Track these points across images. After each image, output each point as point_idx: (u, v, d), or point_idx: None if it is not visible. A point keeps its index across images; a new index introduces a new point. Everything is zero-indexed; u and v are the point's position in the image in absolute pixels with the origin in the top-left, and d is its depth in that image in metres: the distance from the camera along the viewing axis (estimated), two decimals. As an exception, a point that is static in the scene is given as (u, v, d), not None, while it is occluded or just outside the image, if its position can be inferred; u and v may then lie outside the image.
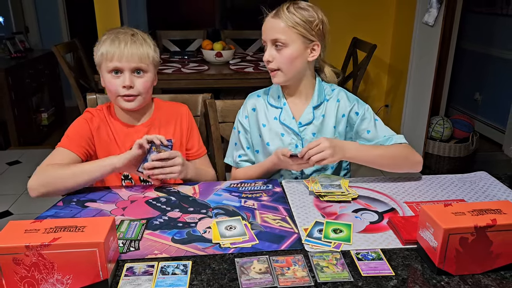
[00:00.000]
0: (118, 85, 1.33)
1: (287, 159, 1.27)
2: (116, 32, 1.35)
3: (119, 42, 1.32)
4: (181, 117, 1.49)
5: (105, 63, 1.34)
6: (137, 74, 1.35)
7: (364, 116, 1.39)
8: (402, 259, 0.94)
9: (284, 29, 1.29)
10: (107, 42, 1.33)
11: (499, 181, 1.32)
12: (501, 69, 3.85)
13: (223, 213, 1.14)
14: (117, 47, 1.32)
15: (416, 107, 3.44)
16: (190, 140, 1.49)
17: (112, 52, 1.32)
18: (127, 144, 1.39)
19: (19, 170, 3.40)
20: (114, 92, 1.35)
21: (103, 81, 1.38)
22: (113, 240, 0.88)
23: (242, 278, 0.87)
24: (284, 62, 1.32)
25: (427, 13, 3.13)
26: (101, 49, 1.34)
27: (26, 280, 0.81)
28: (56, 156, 1.31)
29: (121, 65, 1.32)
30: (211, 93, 1.70)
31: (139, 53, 1.34)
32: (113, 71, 1.33)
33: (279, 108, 1.43)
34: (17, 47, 4.25)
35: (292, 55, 1.31)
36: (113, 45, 1.32)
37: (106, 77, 1.35)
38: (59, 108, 4.60)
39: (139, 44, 1.34)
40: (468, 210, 0.90)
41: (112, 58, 1.32)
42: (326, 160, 1.22)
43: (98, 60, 1.36)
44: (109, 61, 1.32)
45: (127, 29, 1.37)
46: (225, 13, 5.69)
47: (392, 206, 1.18)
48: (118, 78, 1.34)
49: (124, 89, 1.33)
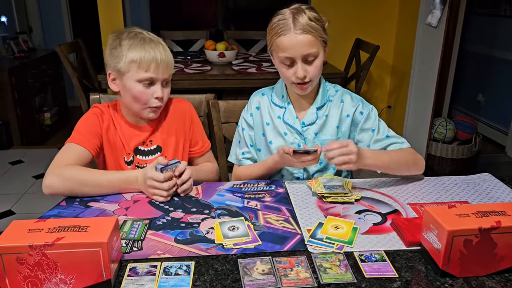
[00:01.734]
0: (149, 96, 1.31)
1: (290, 157, 1.26)
2: (140, 37, 1.30)
3: (153, 50, 1.28)
4: (184, 114, 1.48)
5: (135, 73, 1.28)
6: (165, 84, 1.34)
7: (369, 115, 1.41)
8: (405, 261, 0.93)
9: (314, 42, 1.28)
10: (136, 48, 1.28)
11: (503, 183, 1.32)
12: (504, 70, 3.84)
13: (226, 214, 1.14)
14: (153, 56, 1.27)
15: (419, 109, 3.43)
16: (194, 137, 1.49)
17: (148, 62, 1.27)
18: (131, 144, 1.39)
19: (22, 170, 3.40)
20: (144, 102, 1.31)
21: (123, 87, 1.33)
22: (116, 240, 0.88)
23: (245, 279, 0.87)
24: (316, 72, 1.33)
25: (430, 14, 3.13)
26: (129, 56, 1.27)
27: (29, 280, 0.81)
28: (69, 153, 1.27)
29: (156, 77, 1.29)
30: (214, 93, 1.70)
31: (170, 63, 1.32)
32: (146, 81, 1.30)
33: (283, 108, 1.43)
34: (21, 47, 4.26)
35: (321, 63, 1.32)
36: (145, 52, 1.27)
37: (136, 87, 1.30)
38: (62, 108, 4.61)
39: (168, 53, 1.32)
40: (472, 212, 0.89)
41: (148, 68, 1.27)
42: (348, 165, 1.19)
43: (125, 67, 1.29)
44: (143, 71, 1.28)
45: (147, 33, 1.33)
46: (228, 14, 5.70)
47: (395, 208, 1.17)
48: (149, 89, 1.30)
49: (156, 100, 1.31)
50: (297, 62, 1.29)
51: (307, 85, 1.33)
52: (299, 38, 1.26)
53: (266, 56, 3.48)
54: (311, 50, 1.28)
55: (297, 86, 1.33)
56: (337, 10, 3.65)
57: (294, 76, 1.31)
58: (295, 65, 1.30)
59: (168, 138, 1.44)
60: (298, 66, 1.29)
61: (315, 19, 1.28)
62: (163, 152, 1.43)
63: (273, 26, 1.31)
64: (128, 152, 1.39)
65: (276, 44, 1.30)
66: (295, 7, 1.30)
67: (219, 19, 5.71)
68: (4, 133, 3.74)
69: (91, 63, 3.20)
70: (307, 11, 1.28)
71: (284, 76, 1.36)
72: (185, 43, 3.86)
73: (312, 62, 1.30)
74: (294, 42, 1.26)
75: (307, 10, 1.28)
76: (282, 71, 1.34)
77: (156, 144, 1.42)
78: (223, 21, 5.69)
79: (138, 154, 1.40)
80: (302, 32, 1.26)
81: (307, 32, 1.26)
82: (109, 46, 1.34)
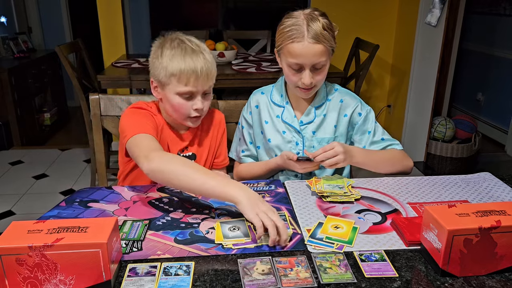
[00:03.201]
0: (189, 108, 1.29)
1: (293, 162, 1.31)
2: (182, 47, 1.26)
3: (194, 62, 1.24)
4: (219, 124, 1.49)
5: (175, 86, 1.27)
6: (205, 95, 1.32)
7: (367, 117, 1.44)
8: (405, 261, 0.93)
9: (324, 52, 1.29)
10: (177, 60, 1.25)
11: (503, 182, 1.32)
12: (503, 69, 3.84)
13: (226, 214, 1.14)
14: (193, 70, 1.24)
15: (418, 108, 3.43)
16: (219, 149, 1.50)
17: (188, 75, 1.24)
18: (175, 148, 1.38)
19: (22, 170, 3.40)
20: (184, 113, 1.30)
21: (164, 97, 1.31)
22: (116, 240, 0.88)
23: (245, 279, 0.86)
24: (322, 79, 1.35)
25: (430, 13, 3.13)
26: (169, 68, 1.25)
27: (29, 281, 0.81)
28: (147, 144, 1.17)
29: (196, 90, 1.27)
30: (213, 93, 1.69)
31: (212, 75, 1.29)
32: (185, 94, 1.28)
33: (281, 107, 1.45)
34: (20, 47, 4.26)
35: (327, 70, 1.34)
36: (185, 65, 1.24)
37: (175, 99, 1.28)
38: (61, 108, 4.62)
39: (209, 63, 1.28)
40: (472, 211, 0.89)
41: (188, 82, 1.25)
42: (339, 164, 1.26)
43: (165, 78, 1.27)
44: (183, 85, 1.26)
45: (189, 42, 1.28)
46: (227, 14, 5.69)
47: (395, 207, 1.17)
48: (189, 101, 1.29)
49: (195, 112, 1.30)
50: (306, 69, 1.30)
51: (311, 90, 1.35)
52: (312, 48, 1.27)
53: (265, 56, 3.48)
54: (321, 59, 1.29)
55: (301, 90, 1.35)
56: (336, 9, 3.65)
57: (300, 82, 1.32)
58: (303, 71, 1.31)
59: (203, 147, 1.44)
60: (306, 73, 1.30)
61: (327, 28, 1.28)
62: (197, 160, 1.43)
63: (285, 29, 1.30)
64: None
65: (287, 49, 1.30)
66: (309, 13, 1.29)
67: (219, 19, 5.71)
68: (4, 134, 3.74)
69: (91, 64, 3.21)
70: (321, 19, 1.28)
71: (289, 79, 1.36)
72: (185, 43, 3.86)
73: (320, 69, 1.32)
74: (306, 51, 1.27)
75: (321, 18, 1.29)
76: (289, 74, 1.34)
77: (192, 152, 1.42)
78: (222, 21, 5.68)
79: None
80: (315, 42, 1.26)
81: (320, 41, 1.27)
82: (152, 55, 1.31)
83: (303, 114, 1.44)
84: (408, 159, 1.44)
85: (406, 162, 1.43)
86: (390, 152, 1.43)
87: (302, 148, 1.44)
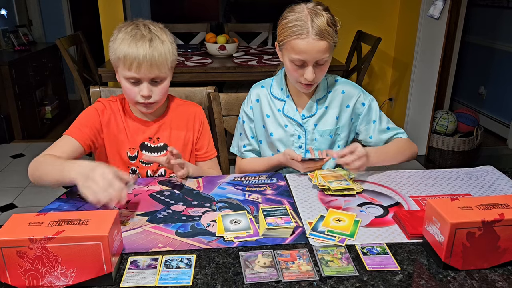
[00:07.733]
0: (136, 93, 1.29)
1: (296, 162, 1.30)
2: (133, 33, 1.26)
3: (137, 48, 1.23)
4: (194, 117, 1.46)
5: (122, 70, 1.28)
6: (154, 82, 1.30)
7: (370, 106, 1.44)
8: (407, 254, 0.93)
9: (328, 48, 1.28)
10: (124, 44, 1.25)
11: (505, 176, 1.31)
12: (506, 62, 3.82)
13: (227, 207, 1.13)
14: (135, 56, 1.23)
15: (420, 101, 3.42)
16: (200, 141, 1.48)
17: (130, 61, 1.24)
18: (137, 138, 1.39)
19: (23, 163, 3.40)
20: (132, 98, 1.31)
21: (119, 79, 1.33)
22: (117, 233, 0.88)
23: (246, 272, 0.86)
24: (324, 74, 1.34)
25: (432, 6, 3.11)
26: (117, 51, 1.26)
27: (30, 273, 0.81)
28: (59, 144, 1.30)
29: (139, 77, 1.27)
30: (214, 86, 1.69)
31: (158, 63, 1.26)
32: (131, 79, 1.28)
33: (282, 101, 1.43)
34: (21, 40, 4.25)
35: (328, 65, 1.33)
36: (129, 50, 1.24)
37: (123, 83, 1.30)
38: (62, 101, 4.60)
39: (158, 51, 1.26)
40: (475, 205, 0.89)
41: (131, 67, 1.25)
42: (362, 167, 1.26)
43: (114, 61, 1.30)
44: (127, 70, 1.26)
45: (144, 27, 1.28)
46: (228, 7, 5.67)
47: (397, 200, 1.17)
48: (136, 86, 1.29)
49: (142, 98, 1.29)
50: (308, 65, 1.29)
51: (312, 85, 1.35)
52: (316, 44, 1.25)
53: (267, 49, 3.47)
54: (324, 56, 1.28)
55: (302, 85, 1.34)
56: (338, 2, 3.62)
57: (302, 77, 1.31)
58: (306, 67, 1.29)
59: (175, 138, 1.43)
60: (309, 69, 1.29)
61: (331, 24, 1.27)
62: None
63: (288, 24, 1.28)
64: (133, 147, 1.38)
65: (291, 45, 1.28)
66: (312, 7, 1.27)
67: (220, 12, 5.68)
68: (5, 127, 3.74)
69: (92, 56, 3.19)
70: (324, 14, 1.26)
71: (291, 75, 1.35)
72: (186, 36, 3.85)
73: (322, 65, 1.31)
74: (310, 48, 1.25)
75: (324, 13, 1.27)
76: (290, 70, 1.33)
77: (163, 142, 1.41)
78: (223, 14, 5.66)
79: (144, 149, 1.39)
80: (320, 38, 1.25)
81: (324, 38, 1.25)
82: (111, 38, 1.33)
83: (304, 107, 1.42)
84: (413, 145, 1.47)
85: (413, 149, 1.46)
86: (397, 143, 1.44)
87: (304, 142, 1.43)
